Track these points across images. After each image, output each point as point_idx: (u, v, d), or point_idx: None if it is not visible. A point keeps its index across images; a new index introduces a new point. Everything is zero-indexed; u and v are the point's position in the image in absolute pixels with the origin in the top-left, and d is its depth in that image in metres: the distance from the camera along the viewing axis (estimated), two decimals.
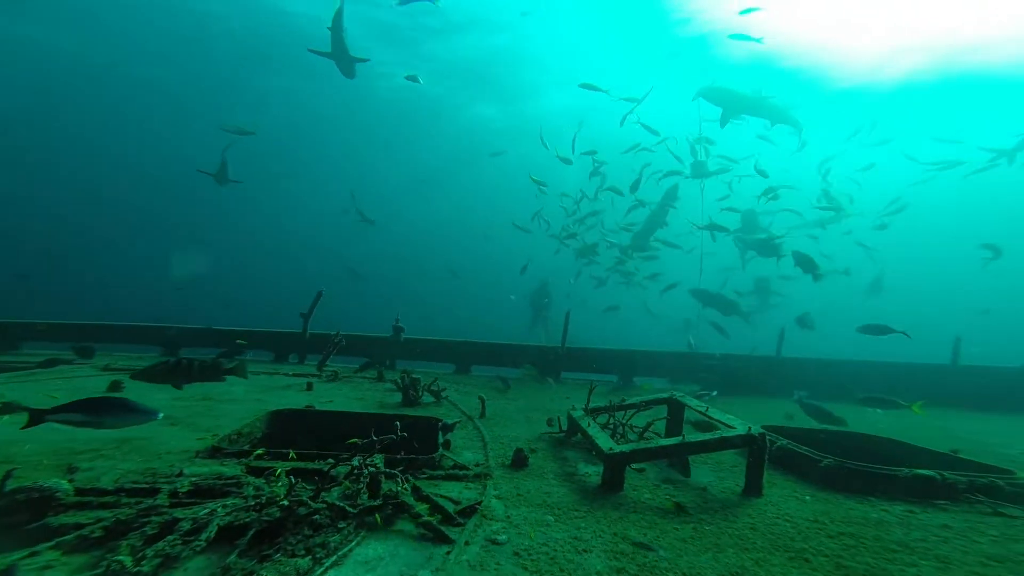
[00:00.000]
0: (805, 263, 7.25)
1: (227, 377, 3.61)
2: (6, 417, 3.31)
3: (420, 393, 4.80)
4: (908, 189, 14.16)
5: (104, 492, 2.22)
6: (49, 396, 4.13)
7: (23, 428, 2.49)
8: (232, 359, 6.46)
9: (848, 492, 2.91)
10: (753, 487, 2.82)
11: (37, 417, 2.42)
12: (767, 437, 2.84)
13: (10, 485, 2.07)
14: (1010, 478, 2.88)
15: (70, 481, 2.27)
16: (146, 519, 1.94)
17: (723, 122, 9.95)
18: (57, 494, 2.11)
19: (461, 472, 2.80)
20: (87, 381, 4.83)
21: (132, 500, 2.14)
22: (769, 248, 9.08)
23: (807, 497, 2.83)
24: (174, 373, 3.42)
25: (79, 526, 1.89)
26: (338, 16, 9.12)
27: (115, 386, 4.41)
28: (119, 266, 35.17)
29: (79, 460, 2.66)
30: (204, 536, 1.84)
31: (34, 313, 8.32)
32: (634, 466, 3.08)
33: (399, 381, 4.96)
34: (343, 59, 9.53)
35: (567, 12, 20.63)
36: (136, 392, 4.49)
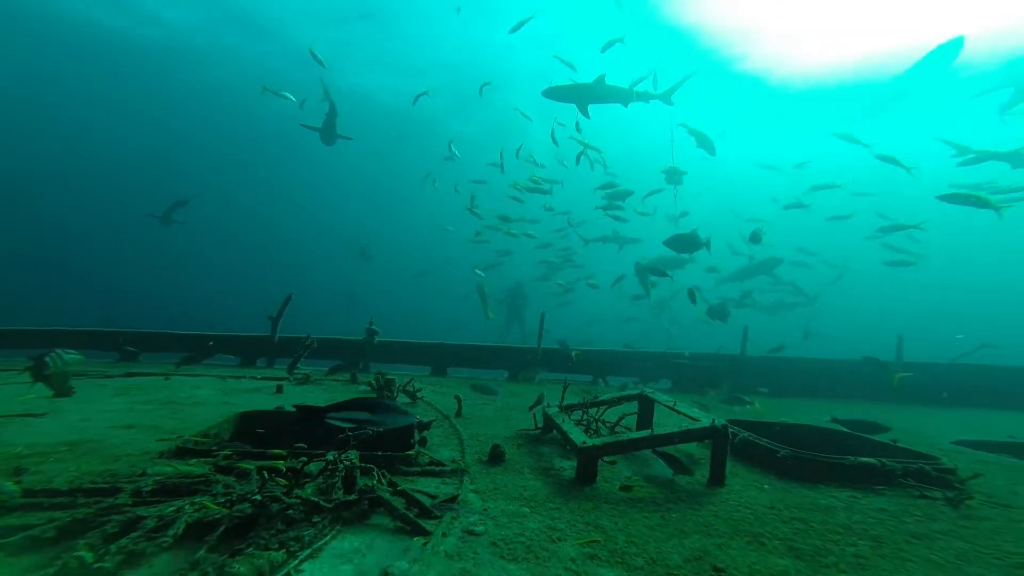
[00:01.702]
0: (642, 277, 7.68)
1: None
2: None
3: (395, 394, 4.76)
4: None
5: (57, 493, 2.10)
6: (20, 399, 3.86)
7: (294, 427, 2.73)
8: (198, 363, 6.20)
9: (802, 481, 3.11)
10: (717, 478, 2.97)
11: (305, 413, 2.34)
12: (729, 429, 3.00)
13: None
14: (935, 464, 3.17)
15: (17, 483, 2.15)
16: (106, 518, 1.86)
17: (581, 112, 9.75)
18: (1, 496, 1.99)
19: (438, 468, 2.81)
20: (26, 387, 4.51)
21: (90, 500, 2.05)
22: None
23: (766, 486, 3.00)
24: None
25: (28, 527, 1.79)
26: (331, 103, 10.38)
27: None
28: (71, 266, 32.93)
29: (25, 463, 2.50)
30: (171, 532, 1.78)
31: None
32: (606, 459, 3.18)
33: (373, 382, 4.90)
34: (331, 136, 10.64)
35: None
36: (88, 394, 4.25)
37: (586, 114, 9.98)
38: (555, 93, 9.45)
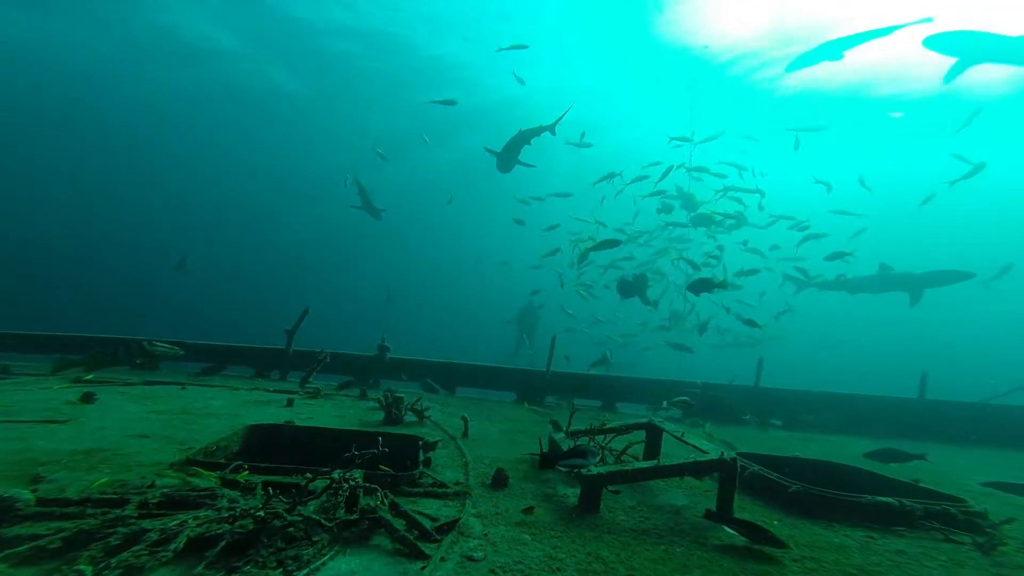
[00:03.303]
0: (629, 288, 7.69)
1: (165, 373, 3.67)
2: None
3: (403, 412, 4.77)
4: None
5: (68, 503, 2.16)
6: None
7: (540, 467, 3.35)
8: (216, 373, 6.36)
9: (814, 517, 2.99)
10: (724, 511, 2.87)
11: (548, 462, 3.13)
12: (738, 463, 2.92)
13: None
14: (962, 506, 2.99)
15: (33, 491, 2.21)
16: (111, 530, 1.90)
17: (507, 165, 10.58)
18: (16, 504, 2.05)
19: (440, 490, 2.80)
20: (56, 392, 4.68)
21: (98, 511, 2.10)
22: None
23: (775, 521, 2.90)
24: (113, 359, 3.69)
25: (35, 537, 1.83)
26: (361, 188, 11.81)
27: (88, 397, 4.30)
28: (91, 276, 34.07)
29: (42, 472, 2.59)
30: (172, 547, 1.81)
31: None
32: (610, 488, 3.11)
33: (382, 399, 4.93)
34: (372, 210, 12.43)
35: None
36: (109, 402, 4.39)
37: (507, 168, 10.46)
38: (504, 159, 9.92)
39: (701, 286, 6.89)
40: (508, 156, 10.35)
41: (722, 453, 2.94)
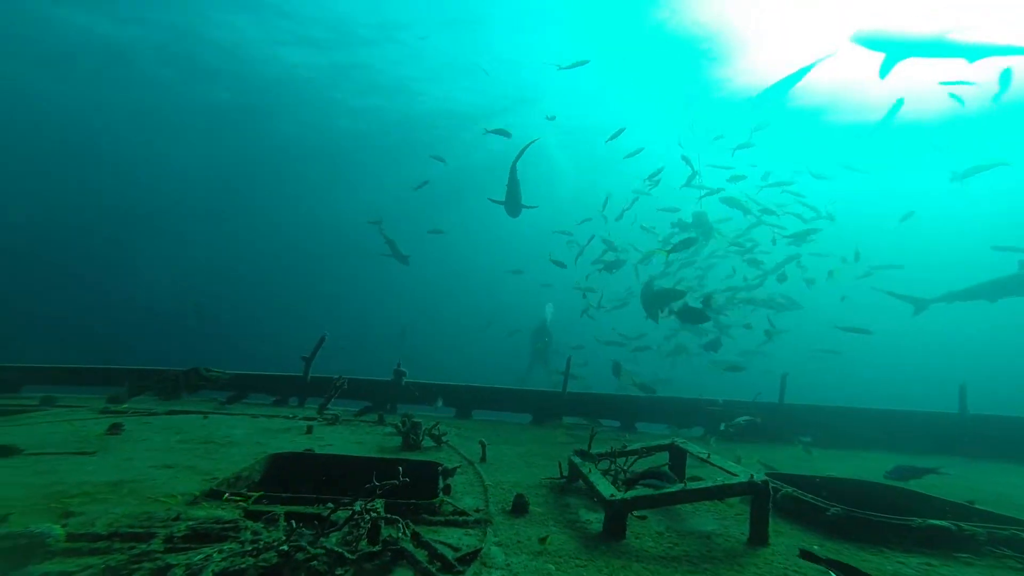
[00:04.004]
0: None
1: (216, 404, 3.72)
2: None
3: (421, 437, 4.74)
4: None
5: (97, 537, 2.18)
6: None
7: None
8: (239, 401, 6.47)
9: (859, 542, 2.82)
10: (758, 536, 2.75)
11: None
12: (770, 485, 2.81)
13: (3, 530, 2.06)
14: None
15: (63, 526, 2.25)
16: (137, 566, 1.91)
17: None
18: (47, 540, 2.08)
19: (461, 518, 2.75)
20: (85, 424, 4.80)
21: (125, 545, 2.12)
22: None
23: (815, 547, 2.75)
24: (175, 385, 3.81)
25: (64, 574, 1.85)
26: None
27: (115, 428, 4.39)
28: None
29: (71, 504, 2.63)
30: None
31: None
32: (636, 513, 3.01)
33: (399, 425, 4.91)
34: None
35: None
36: (135, 432, 4.47)
37: (515, 214, 10.64)
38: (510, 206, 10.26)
39: (691, 315, 6.73)
40: (512, 202, 10.48)
41: (752, 475, 2.83)
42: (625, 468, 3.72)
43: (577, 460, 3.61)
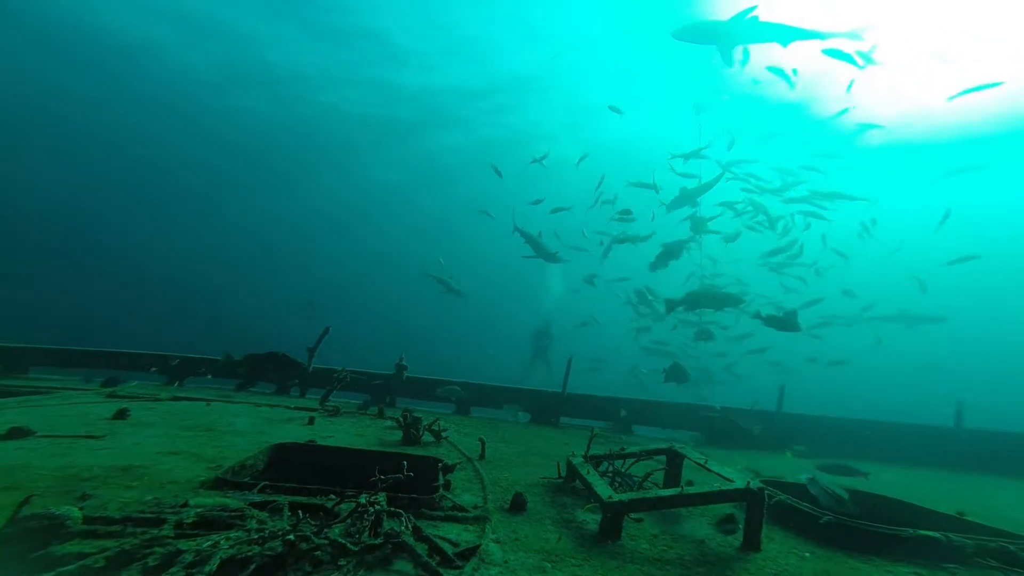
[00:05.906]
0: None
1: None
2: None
3: (421, 432, 4.81)
4: None
5: (111, 521, 2.25)
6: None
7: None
8: (246, 389, 6.57)
9: (849, 551, 2.88)
10: (751, 542, 2.80)
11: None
12: (765, 491, 2.86)
13: (24, 512, 2.13)
14: (1023, 543, 2.83)
15: (80, 509, 2.32)
16: (149, 550, 1.98)
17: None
18: (67, 522, 2.16)
19: (460, 514, 2.81)
20: (92, 407, 4.88)
21: (138, 530, 2.19)
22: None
23: (807, 554, 2.80)
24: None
25: (83, 555, 1.92)
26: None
27: (122, 413, 4.47)
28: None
29: (84, 487, 2.70)
30: (207, 569, 1.87)
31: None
32: (632, 516, 3.07)
33: (400, 419, 4.98)
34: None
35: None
36: (141, 417, 4.54)
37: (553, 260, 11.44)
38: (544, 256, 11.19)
39: (676, 374, 6.98)
40: (545, 254, 11.39)
41: (748, 482, 2.88)
42: (623, 470, 3.78)
43: (576, 461, 3.67)
